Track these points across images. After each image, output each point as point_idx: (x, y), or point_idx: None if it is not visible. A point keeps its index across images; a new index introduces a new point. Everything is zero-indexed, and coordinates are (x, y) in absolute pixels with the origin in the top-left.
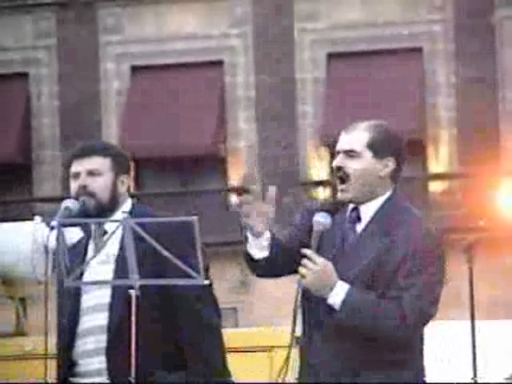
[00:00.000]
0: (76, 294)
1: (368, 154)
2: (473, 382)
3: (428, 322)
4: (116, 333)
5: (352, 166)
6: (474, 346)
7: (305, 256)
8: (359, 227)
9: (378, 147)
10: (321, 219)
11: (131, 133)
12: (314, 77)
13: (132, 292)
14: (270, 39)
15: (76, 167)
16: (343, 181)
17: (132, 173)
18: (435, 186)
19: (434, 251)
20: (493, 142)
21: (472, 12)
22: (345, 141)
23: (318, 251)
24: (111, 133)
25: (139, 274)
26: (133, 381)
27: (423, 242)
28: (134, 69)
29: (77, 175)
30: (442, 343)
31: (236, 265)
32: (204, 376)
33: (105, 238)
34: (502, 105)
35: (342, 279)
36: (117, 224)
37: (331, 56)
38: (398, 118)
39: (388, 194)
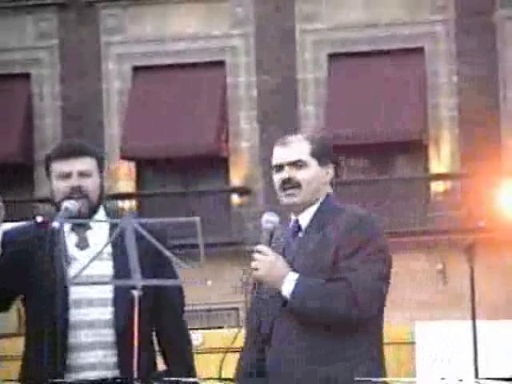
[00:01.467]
0: (62, 287)
1: (313, 163)
2: (474, 382)
3: (381, 299)
4: (123, 328)
5: (301, 175)
6: (475, 346)
7: (257, 251)
8: (300, 234)
9: (320, 155)
10: (270, 217)
11: (133, 133)
12: (315, 77)
13: (134, 292)
14: (271, 40)
15: (65, 167)
16: (292, 189)
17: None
18: (437, 186)
19: (366, 232)
20: (494, 142)
21: (473, 12)
22: (286, 153)
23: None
24: (113, 133)
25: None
26: (136, 377)
27: (352, 225)
28: (136, 69)
29: (67, 175)
30: (443, 343)
31: (238, 264)
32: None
33: (88, 232)
34: (503, 105)
35: None
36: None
37: (333, 56)
38: (400, 118)
39: (323, 197)
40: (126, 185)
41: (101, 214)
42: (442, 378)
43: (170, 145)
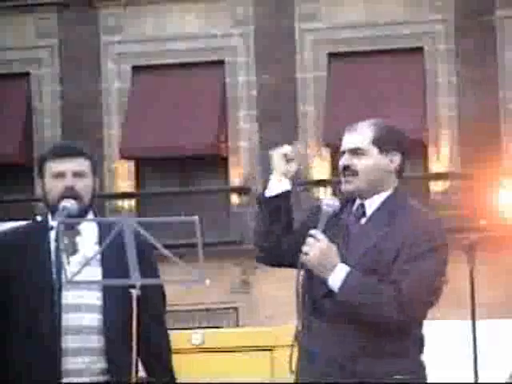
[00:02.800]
0: (48, 292)
1: (374, 151)
2: (474, 381)
3: (427, 309)
4: (112, 334)
5: (360, 164)
6: (475, 346)
7: (310, 236)
8: (363, 220)
9: (382, 143)
10: (329, 201)
11: (132, 132)
12: (315, 77)
13: (133, 291)
14: (271, 39)
15: (59, 166)
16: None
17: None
18: (436, 186)
19: (434, 241)
20: (494, 142)
21: (473, 12)
22: (349, 140)
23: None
24: (112, 132)
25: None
26: (133, 380)
27: (422, 230)
28: (135, 69)
29: (61, 175)
30: (443, 343)
31: (237, 264)
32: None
33: (78, 238)
34: (502, 104)
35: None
36: (95, 226)
37: (332, 56)
38: (399, 117)
39: (391, 189)
40: (126, 184)
41: (90, 216)
42: (442, 378)
43: (170, 144)
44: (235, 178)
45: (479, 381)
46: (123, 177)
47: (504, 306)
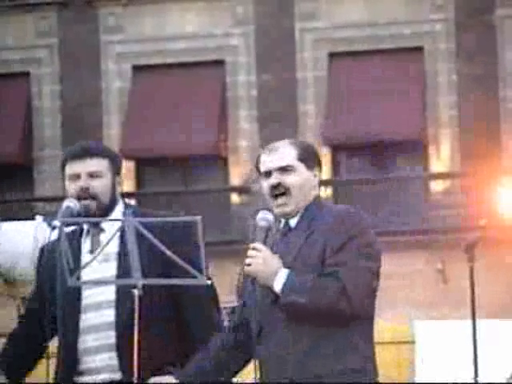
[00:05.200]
0: (76, 291)
1: (302, 167)
2: (474, 381)
3: (371, 294)
4: (124, 330)
5: (291, 180)
6: (475, 346)
7: (252, 248)
8: (289, 234)
9: (307, 159)
10: (265, 215)
11: (132, 132)
12: (315, 76)
13: (135, 291)
14: (271, 39)
15: (75, 168)
16: (282, 195)
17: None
18: (436, 186)
19: (352, 228)
20: (494, 141)
21: (473, 11)
22: (274, 159)
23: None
24: (112, 132)
25: (148, 272)
26: (135, 381)
27: (338, 222)
28: (136, 68)
29: (76, 176)
30: (442, 343)
31: (237, 264)
32: None
33: (102, 236)
34: (502, 104)
35: None
36: (119, 223)
37: (332, 55)
38: (399, 117)
39: (310, 201)
40: (126, 184)
41: (117, 214)
42: (442, 378)
43: (170, 144)
44: (235, 177)
45: (479, 381)
46: (123, 177)
47: (504, 305)
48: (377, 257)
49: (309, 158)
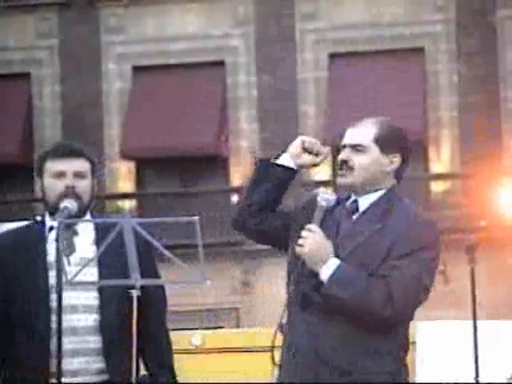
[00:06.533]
0: (44, 293)
1: (375, 149)
2: (475, 382)
3: (414, 307)
4: (111, 333)
5: (357, 160)
6: (475, 347)
7: (307, 229)
8: (355, 216)
9: (384, 143)
10: (326, 196)
11: (133, 133)
12: (315, 77)
13: (133, 292)
14: (271, 39)
15: (60, 166)
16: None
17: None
18: (437, 186)
19: (425, 240)
20: (494, 142)
21: (474, 12)
22: (351, 135)
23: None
24: (113, 133)
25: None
26: (134, 381)
27: (415, 230)
28: (136, 69)
29: (62, 174)
30: (443, 343)
31: (237, 265)
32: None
33: (75, 239)
34: (503, 105)
35: None
36: (92, 226)
37: (333, 56)
38: (400, 117)
39: (387, 189)
40: (126, 185)
41: (87, 217)
42: (443, 379)
43: (170, 145)
44: (236, 178)
45: (480, 381)
46: (124, 177)
47: (505, 305)
48: (435, 273)
49: (388, 142)
